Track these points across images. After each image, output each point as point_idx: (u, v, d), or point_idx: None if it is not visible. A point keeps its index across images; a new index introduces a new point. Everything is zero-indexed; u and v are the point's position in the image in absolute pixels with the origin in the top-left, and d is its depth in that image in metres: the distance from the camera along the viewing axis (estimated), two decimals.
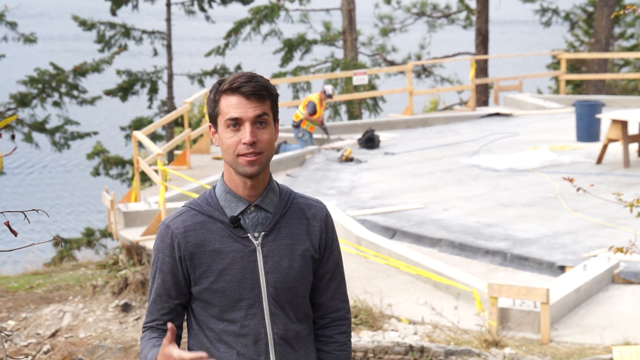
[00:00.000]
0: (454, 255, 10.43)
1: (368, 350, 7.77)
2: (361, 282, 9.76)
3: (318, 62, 25.76)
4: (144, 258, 11.77)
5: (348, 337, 3.30)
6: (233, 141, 3.04)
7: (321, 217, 3.21)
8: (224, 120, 3.05)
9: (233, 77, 3.05)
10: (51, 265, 17.70)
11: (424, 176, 14.15)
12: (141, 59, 31.07)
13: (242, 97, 3.02)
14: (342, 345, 3.28)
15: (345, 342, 3.29)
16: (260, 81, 3.05)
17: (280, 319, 3.12)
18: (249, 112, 3.02)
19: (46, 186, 30.58)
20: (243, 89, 3.02)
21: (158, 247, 3.15)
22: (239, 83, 3.02)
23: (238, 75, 3.06)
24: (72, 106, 24.09)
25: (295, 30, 25.96)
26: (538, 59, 36.50)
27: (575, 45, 30.15)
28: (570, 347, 7.98)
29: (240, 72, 3.09)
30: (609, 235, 10.50)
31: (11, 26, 23.97)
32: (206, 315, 3.13)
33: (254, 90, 3.02)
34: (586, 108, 16.29)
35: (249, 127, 3.02)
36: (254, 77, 3.06)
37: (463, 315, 8.67)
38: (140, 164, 12.90)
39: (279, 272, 3.11)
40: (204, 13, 24.32)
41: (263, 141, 3.04)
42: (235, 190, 3.11)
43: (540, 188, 13.02)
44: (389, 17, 29.39)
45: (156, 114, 24.35)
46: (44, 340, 10.43)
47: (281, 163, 15.35)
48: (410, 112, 20.03)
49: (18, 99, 23.46)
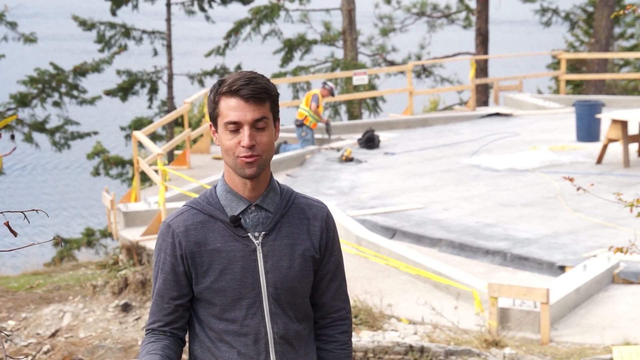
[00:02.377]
0: (454, 255, 10.43)
1: (368, 350, 7.77)
2: (361, 282, 9.76)
3: (318, 62, 25.76)
4: (144, 258, 11.77)
5: (349, 337, 3.30)
6: (232, 143, 3.03)
7: (322, 217, 3.21)
8: (223, 122, 3.04)
9: (232, 79, 3.03)
10: (51, 265, 17.70)
11: (424, 176, 14.15)
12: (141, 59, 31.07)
13: (241, 100, 3.01)
14: (343, 345, 3.29)
15: (346, 341, 3.29)
16: (260, 83, 3.03)
17: (280, 319, 3.12)
18: (248, 116, 3.02)
19: (46, 186, 30.58)
20: (242, 92, 3.01)
21: (160, 247, 3.14)
22: (238, 86, 3.01)
23: (237, 76, 3.03)
24: (72, 106, 24.08)
25: (295, 30, 25.96)
26: (538, 59, 36.49)
27: (575, 45, 30.15)
28: (570, 347, 7.98)
29: (240, 72, 3.07)
30: (609, 235, 10.49)
31: (11, 26, 23.97)
32: (207, 314, 3.13)
33: (252, 93, 3.01)
34: (586, 108, 16.28)
35: (247, 130, 3.01)
36: (253, 78, 3.03)
37: (463, 315, 8.67)
38: (140, 164, 12.90)
39: (279, 272, 3.11)
40: (204, 13, 24.31)
41: (262, 143, 3.04)
42: (236, 190, 3.12)
43: (540, 188, 13.02)
44: (389, 17, 29.39)
45: (156, 114, 24.35)
46: (44, 340, 10.43)
47: (281, 163, 15.35)
48: (410, 112, 20.02)
49: (18, 99, 23.46)
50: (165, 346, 3.11)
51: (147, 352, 3.07)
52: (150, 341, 3.13)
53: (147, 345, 3.12)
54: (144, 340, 3.16)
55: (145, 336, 3.17)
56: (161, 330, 3.16)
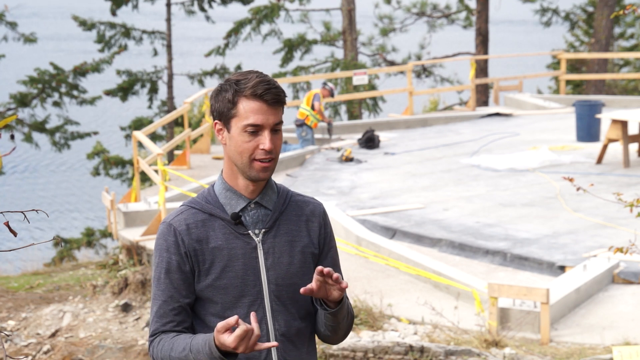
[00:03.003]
0: (454, 255, 10.43)
1: (368, 350, 7.77)
2: (361, 282, 9.76)
3: (318, 62, 25.76)
4: (144, 258, 11.77)
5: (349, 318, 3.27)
6: (250, 146, 3.04)
7: (319, 213, 3.24)
8: (242, 124, 3.03)
9: (253, 82, 3.03)
10: (51, 265, 17.70)
11: (424, 176, 14.15)
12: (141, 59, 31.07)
13: (264, 104, 3.03)
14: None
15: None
16: (279, 88, 3.06)
17: (282, 316, 3.12)
18: (270, 120, 3.03)
19: (46, 186, 30.58)
20: (266, 97, 3.02)
21: (162, 247, 3.11)
22: (263, 90, 3.02)
23: (257, 79, 3.03)
24: (72, 106, 24.09)
25: (295, 30, 25.97)
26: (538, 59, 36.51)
27: (575, 45, 30.15)
28: (570, 347, 7.98)
29: (253, 73, 3.06)
30: (609, 235, 10.49)
31: (11, 26, 23.97)
32: (207, 313, 3.12)
33: (277, 98, 3.04)
34: (586, 108, 16.28)
35: (268, 134, 3.03)
36: (273, 83, 3.05)
37: (463, 315, 8.67)
38: (140, 164, 12.90)
39: (279, 269, 3.12)
40: (204, 13, 24.32)
41: (277, 147, 3.08)
42: (236, 188, 3.12)
43: (540, 188, 13.01)
44: (389, 17, 29.39)
45: (156, 114, 24.36)
46: (44, 340, 10.43)
47: (281, 163, 15.35)
48: (410, 112, 20.03)
49: (18, 99, 23.46)
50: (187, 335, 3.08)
51: (190, 336, 3.01)
52: (177, 332, 3.08)
53: (177, 337, 3.05)
54: (160, 339, 3.08)
55: (157, 338, 3.09)
56: (175, 330, 3.10)
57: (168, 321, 3.10)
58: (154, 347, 3.11)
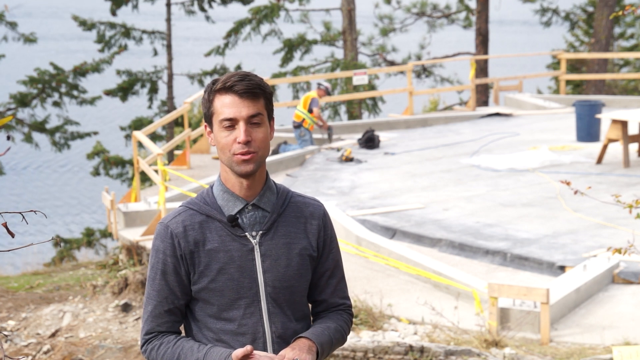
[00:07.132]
0: (454, 255, 10.43)
1: (368, 350, 7.76)
2: (361, 282, 9.76)
3: (318, 62, 25.75)
4: (144, 258, 11.77)
5: (347, 324, 3.29)
6: (228, 140, 3.04)
7: (319, 215, 3.22)
8: (218, 120, 3.05)
9: (226, 77, 3.05)
10: (51, 265, 17.69)
11: (424, 176, 14.15)
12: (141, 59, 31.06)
13: (235, 96, 3.03)
14: (342, 319, 3.28)
15: (346, 320, 3.29)
16: (254, 80, 3.05)
17: (278, 318, 3.12)
18: (243, 112, 3.03)
19: (46, 186, 30.58)
20: (236, 88, 3.02)
21: (158, 248, 3.12)
22: (232, 82, 3.02)
23: (231, 74, 3.06)
24: (72, 106, 24.09)
25: (295, 30, 25.96)
26: (538, 59, 36.50)
27: (575, 45, 30.15)
28: (570, 347, 7.98)
29: (233, 71, 3.09)
30: (609, 235, 10.49)
31: (11, 26, 23.97)
32: (204, 314, 3.12)
33: (247, 88, 3.03)
34: (586, 108, 16.28)
35: (243, 126, 3.02)
36: (247, 75, 3.05)
37: (463, 315, 8.67)
38: (140, 164, 12.90)
39: (276, 271, 3.11)
40: (204, 13, 24.32)
41: (258, 140, 3.05)
42: (233, 190, 3.12)
43: (540, 188, 13.01)
44: (389, 17, 29.39)
45: (156, 114, 24.35)
46: (44, 340, 10.43)
47: (281, 163, 15.35)
48: (410, 112, 20.02)
49: (18, 99, 23.46)
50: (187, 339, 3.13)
51: (203, 345, 3.06)
52: (178, 337, 3.11)
53: (179, 341, 3.09)
54: (160, 342, 3.10)
55: (154, 339, 3.11)
56: (170, 330, 3.13)
57: (163, 321, 3.12)
58: (152, 349, 3.11)
